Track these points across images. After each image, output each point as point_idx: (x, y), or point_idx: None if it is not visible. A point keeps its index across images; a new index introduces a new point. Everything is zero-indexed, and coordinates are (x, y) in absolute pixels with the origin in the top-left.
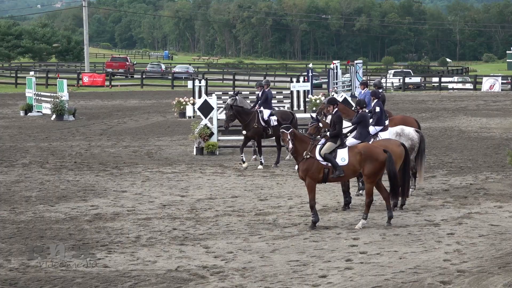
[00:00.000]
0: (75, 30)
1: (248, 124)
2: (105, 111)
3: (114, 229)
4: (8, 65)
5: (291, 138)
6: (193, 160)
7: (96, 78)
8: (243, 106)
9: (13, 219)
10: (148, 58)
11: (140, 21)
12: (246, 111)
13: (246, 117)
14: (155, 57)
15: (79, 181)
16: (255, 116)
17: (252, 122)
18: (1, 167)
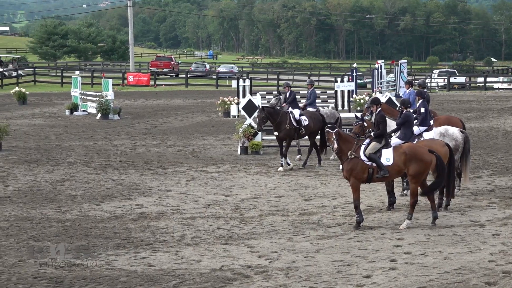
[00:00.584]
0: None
1: (280, 124)
2: (150, 110)
3: (159, 228)
4: (54, 64)
5: (336, 138)
6: (238, 159)
7: (141, 77)
8: (274, 107)
9: (58, 217)
10: (192, 57)
11: (184, 21)
12: (277, 111)
13: (277, 117)
14: (199, 56)
15: (124, 180)
16: (286, 117)
17: (284, 123)
18: (47, 166)
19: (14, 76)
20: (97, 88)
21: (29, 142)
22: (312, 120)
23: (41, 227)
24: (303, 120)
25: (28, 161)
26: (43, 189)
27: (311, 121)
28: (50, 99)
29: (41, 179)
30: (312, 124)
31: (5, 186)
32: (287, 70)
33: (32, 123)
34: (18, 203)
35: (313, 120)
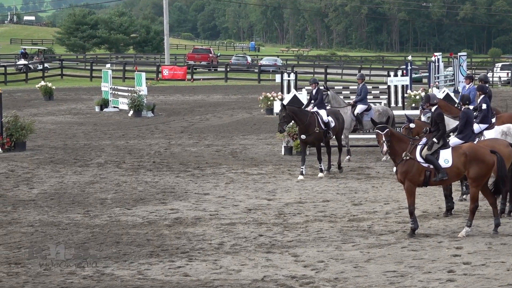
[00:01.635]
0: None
1: (307, 127)
2: (186, 107)
3: (196, 234)
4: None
5: (387, 139)
6: (281, 160)
7: (177, 71)
8: (300, 106)
9: (87, 223)
10: (232, 49)
11: (224, 10)
12: (304, 111)
13: (304, 119)
14: (240, 48)
15: (158, 183)
16: (314, 119)
17: (312, 125)
18: (75, 167)
19: (39, 69)
20: (129, 82)
21: (55, 141)
22: (337, 120)
23: (68, 233)
24: (330, 121)
25: (55, 161)
26: (71, 192)
27: (336, 122)
28: (78, 95)
29: (68, 181)
30: (337, 124)
31: (30, 189)
32: (336, 63)
33: (58, 120)
34: (43, 207)
35: (338, 120)
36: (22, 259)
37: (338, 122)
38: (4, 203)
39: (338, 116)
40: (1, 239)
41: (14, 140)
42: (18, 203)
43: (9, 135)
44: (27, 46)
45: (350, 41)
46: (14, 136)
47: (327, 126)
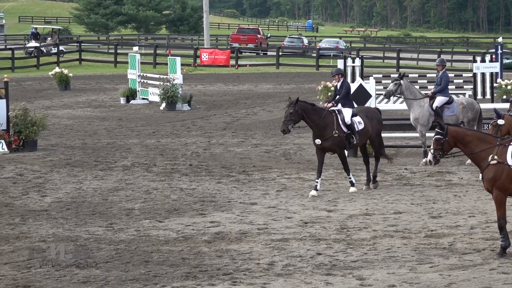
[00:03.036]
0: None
1: (322, 130)
2: (229, 98)
3: (241, 253)
4: (106, 38)
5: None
6: None
7: (219, 55)
8: (314, 103)
9: (110, 238)
10: (285, 29)
11: None
12: (318, 109)
13: (317, 118)
14: (295, 28)
15: (196, 190)
16: (332, 120)
17: (329, 128)
18: (96, 170)
19: (53, 53)
20: (161, 69)
21: (72, 139)
22: (369, 121)
23: (88, 250)
24: (356, 123)
25: (71, 164)
26: (91, 201)
27: (368, 123)
28: (100, 84)
29: (88, 188)
30: (369, 126)
31: (42, 197)
32: (410, 46)
33: (76, 114)
34: (57, 218)
35: (370, 121)
36: (32, 281)
37: (371, 124)
38: (11, 214)
39: (373, 116)
40: (7, 256)
41: (23, 138)
42: (28, 214)
43: (17, 132)
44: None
45: (428, 19)
46: (23, 133)
47: (350, 128)
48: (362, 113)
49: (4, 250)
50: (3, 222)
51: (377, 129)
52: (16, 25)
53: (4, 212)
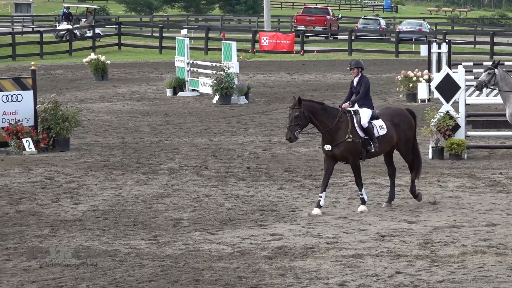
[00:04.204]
0: None
1: (333, 134)
2: (293, 90)
3: (306, 270)
4: (149, 19)
5: None
6: (428, 166)
7: (281, 39)
8: (323, 102)
9: (154, 252)
10: (360, 9)
11: None
12: (329, 110)
13: (328, 121)
14: (370, 8)
15: (254, 197)
16: (346, 122)
17: (343, 131)
18: (138, 173)
19: (88, 36)
20: (214, 55)
21: (110, 138)
22: (394, 125)
23: (127, 267)
24: (377, 127)
25: (109, 166)
26: (132, 209)
27: (392, 128)
28: (143, 72)
29: (129, 194)
30: (394, 132)
31: (75, 204)
32: (506, 29)
33: (115, 108)
34: (93, 229)
35: (397, 126)
36: None
37: (396, 129)
38: (39, 224)
39: (400, 120)
40: (35, 274)
41: (53, 135)
42: (59, 224)
43: (46, 128)
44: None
45: None
46: (54, 130)
47: (368, 133)
48: (385, 116)
49: (32, 266)
50: (30, 233)
51: (406, 136)
52: (45, 3)
53: (32, 222)
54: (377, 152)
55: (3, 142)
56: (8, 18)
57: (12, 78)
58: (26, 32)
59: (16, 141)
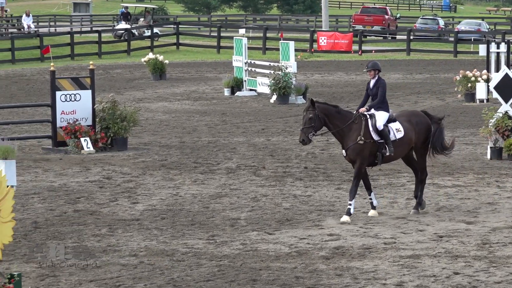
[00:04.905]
0: None
1: (346, 136)
2: (351, 90)
3: (364, 271)
4: (207, 19)
5: None
6: (487, 167)
7: (339, 39)
8: (337, 105)
9: (211, 252)
10: (418, 9)
11: None
12: (343, 113)
13: (343, 123)
14: (429, 7)
15: (312, 197)
16: (360, 125)
17: (355, 134)
18: (195, 173)
19: (147, 36)
20: (272, 55)
21: (168, 137)
22: (413, 126)
23: (185, 266)
24: (393, 130)
25: (167, 166)
26: (189, 209)
27: (411, 130)
28: (201, 72)
29: (186, 194)
30: (413, 134)
31: (132, 204)
32: None
33: (173, 108)
34: (151, 229)
35: (415, 126)
36: None
37: (415, 130)
38: (97, 224)
39: (417, 120)
40: (93, 273)
41: (111, 135)
42: (117, 224)
43: (104, 128)
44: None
45: None
46: (112, 129)
47: (383, 136)
48: (403, 117)
49: (90, 265)
50: (88, 233)
51: (424, 138)
52: (103, 3)
53: (90, 222)
54: (393, 157)
55: (62, 142)
56: (67, 18)
57: (70, 78)
58: (84, 31)
59: (74, 140)
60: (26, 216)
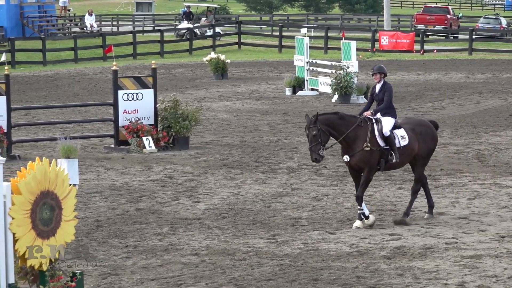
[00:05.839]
0: None
1: (352, 142)
2: (413, 89)
3: (425, 271)
4: (269, 18)
5: None
6: None
7: (401, 39)
8: (338, 112)
9: (273, 251)
10: (480, 8)
11: None
12: (346, 118)
13: (347, 129)
14: (491, 7)
15: (373, 197)
16: (365, 130)
17: (361, 140)
18: (257, 172)
19: (208, 35)
20: (334, 55)
21: (230, 136)
22: (417, 135)
23: (246, 265)
24: (398, 137)
25: (228, 165)
26: (250, 208)
27: (414, 139)
28: (263, 71)
29: (248, 193)
30: (416, 143)
31: (194, 203)
32: None
33: (234, 107)
34: (212, 228)
35: (419, 136)
36: None
37: (418, 140)
38: (158, 222)
39: (422, 130)
40: (154, 271)
41: (173, 134)
42: (178, 223)
43: (166, 127)
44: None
45: None
46: (174, 128)
47: (389, 142)
48: (408, 125)
49: (151, 264)
50: (149, 231)
51: (428, 148)
52: (165, 3)
53: (151, 220)
54: (397, 164)
55: (124, 141)
56: (129, 17)
57: (133, 77)
58: (147, 31)
59: (136, 139)
60: (88, 215)
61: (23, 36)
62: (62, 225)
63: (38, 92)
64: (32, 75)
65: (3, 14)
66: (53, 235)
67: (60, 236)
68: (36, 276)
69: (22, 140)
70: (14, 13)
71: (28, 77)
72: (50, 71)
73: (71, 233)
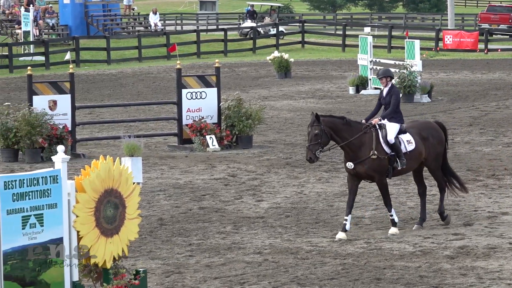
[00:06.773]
0: None
1: (357, 150)
2: (477, 89)
3: (489, 271)
4: (333, 17)
5: None
6: None
7: (465, 38)
8: (345, 117)
9: (336, 250)
10: None
11: None
12: (351, 124)
13: (351, 135)
14: None
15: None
16: (371, 137)
17: (366, 147)
18: (320, 171)
19: (272, 34)
20: (397, 53)
21: (293, 135)
22: (423, 140)
23: (309, 264)
24: (404, 142)
25: (292, 164)
26: (313, 207)
27: (421, 143)
28: (326, 70)
29: (311, 192)
30: (423, 147)
31: (257, 201)
32: None
33: (298, 106)
34: (275, 227)
35: (426, 140)
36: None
37: (425, 144)
38: (222, 221)
39: (429, 133)
40: (217, 270)
41: (236, 133)
42: (241, 221)
43: (229, 126)
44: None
45: None
46: (237, 127)
47: (395, 149)
48: (414, 129)
49: (214, 262)
50: (213, 230)
51: (436, 152)
52: (229, 1)
53: (215, 219)
54: (404, 170)
55: (187, 139)
56: (193, 16)
57: (196, 76)
58: (210, 30)
59: (200, 138)
60: (152, 213)
61: (87, 35)
62: (125, 223)
63: (102, 91)
64: (97, 74)
65: (68, 13)
66: (117, 233)
67: (124, 234)
68: (100, 274)
69: (86, 139)
70: (79, 12)
71: (93, 75)
72: (114, 70)
73: (135, 231)
